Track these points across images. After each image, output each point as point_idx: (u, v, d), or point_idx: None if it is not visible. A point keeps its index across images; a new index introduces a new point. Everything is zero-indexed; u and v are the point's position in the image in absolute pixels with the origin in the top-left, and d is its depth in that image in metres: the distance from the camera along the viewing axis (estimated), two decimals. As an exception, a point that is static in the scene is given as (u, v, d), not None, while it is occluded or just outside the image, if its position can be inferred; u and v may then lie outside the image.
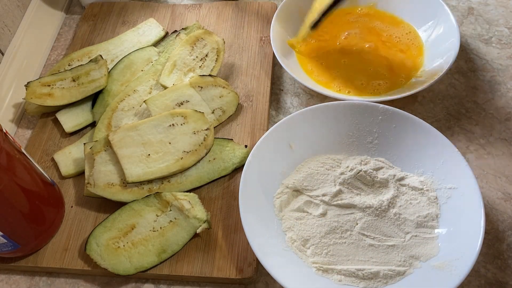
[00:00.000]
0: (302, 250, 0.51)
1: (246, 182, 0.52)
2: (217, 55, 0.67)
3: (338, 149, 0.58)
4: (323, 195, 0.54)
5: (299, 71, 0.66)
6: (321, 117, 0.57)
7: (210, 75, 0.65)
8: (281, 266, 0.48)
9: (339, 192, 0.54)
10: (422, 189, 0.54)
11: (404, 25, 0.70)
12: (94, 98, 0.67)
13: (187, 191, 0.57)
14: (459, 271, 0.45)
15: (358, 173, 0.55)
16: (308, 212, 0.53)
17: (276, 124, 0.56)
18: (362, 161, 0.56)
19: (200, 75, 0.64)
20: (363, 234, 0.51)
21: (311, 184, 0.55)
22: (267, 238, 0.50)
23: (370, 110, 0.57)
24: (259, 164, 0.54)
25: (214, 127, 0.62)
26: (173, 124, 0.59)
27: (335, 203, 0.53)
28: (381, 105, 0.56)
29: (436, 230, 0.51)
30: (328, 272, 0.49)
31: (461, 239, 0.48)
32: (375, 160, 0.57)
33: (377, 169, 0.55)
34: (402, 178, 0.55)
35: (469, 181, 0.50)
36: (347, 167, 0.56)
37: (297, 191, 0.55)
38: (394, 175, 0.55)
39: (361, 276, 0.48)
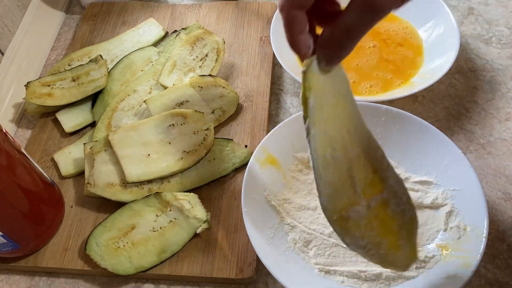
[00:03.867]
0: (305, 251, 0.51)
1: (248, 182, 0.52)
2: (217, 55, 0.67)
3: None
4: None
5: (299, 71, 0.66)
6: None
7: (210, 75, 0.65)
8: (283, 267, 0.48)
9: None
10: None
11: (401, 21, 0.71)
12: (94, 98, 0.67)
13: (187, 191, 0.57)
14: (462, 274, 0.45)
15: None
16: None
17: (278, 125, 0.56)
18: None
19: (200, 75, 0.64)
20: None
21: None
22: (269, 239, 0.50)
23: (373, 111, 0.56)
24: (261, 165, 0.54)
25: (214, 127, 0.62)
26: (173, 124, 0.59)
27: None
28: (385, 106, 0.56)
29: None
30: (331, 273, 0.49)
31: (464, 242, 0.48)
32: None
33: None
34: (406, 179, 0.55)
35: (473, 183, 0.50)
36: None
37: (298, 191, 0.55)
38: (398, 175, 0.55)
39: (363, 277, 0.48)
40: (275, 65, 0.71)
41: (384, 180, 0.41)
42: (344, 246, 0.50)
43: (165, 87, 0.65)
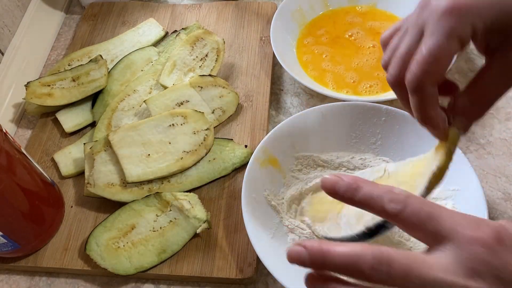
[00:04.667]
0: (304, 251, 0.51)
1: (248, 182, 0.52)
2: (217, 55, 0.67)
3: (341, 149, 0.58)
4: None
5: (299, 71, 0.66)
6: (324, 117, 0.57)
7: (210, 75, 0.65)
8: (283, 267, 0.48)
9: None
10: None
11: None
12: (94, 98, 0.67)
13: (187, 191, 0.57)
14: None
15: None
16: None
17: (278, 125, 0.56)
18: (366, 159, 0.56)
19: (200, 75, 0.64)
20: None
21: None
22: (269, 239, 0.50)
23: (373, 111, 0.56)
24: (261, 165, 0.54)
25: (214, 127, 0.62)
26: (173, 124, 0.59)
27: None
28: (385, 106, 0.56)
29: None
30: (330, 273, 0.49)
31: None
32: (379, 159, 0.56)
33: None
34: None
35: (473, 183, 0.49)
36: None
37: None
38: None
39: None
40: (275, 65, 0.71)
41: None
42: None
43: (165, 87, 0.65)
